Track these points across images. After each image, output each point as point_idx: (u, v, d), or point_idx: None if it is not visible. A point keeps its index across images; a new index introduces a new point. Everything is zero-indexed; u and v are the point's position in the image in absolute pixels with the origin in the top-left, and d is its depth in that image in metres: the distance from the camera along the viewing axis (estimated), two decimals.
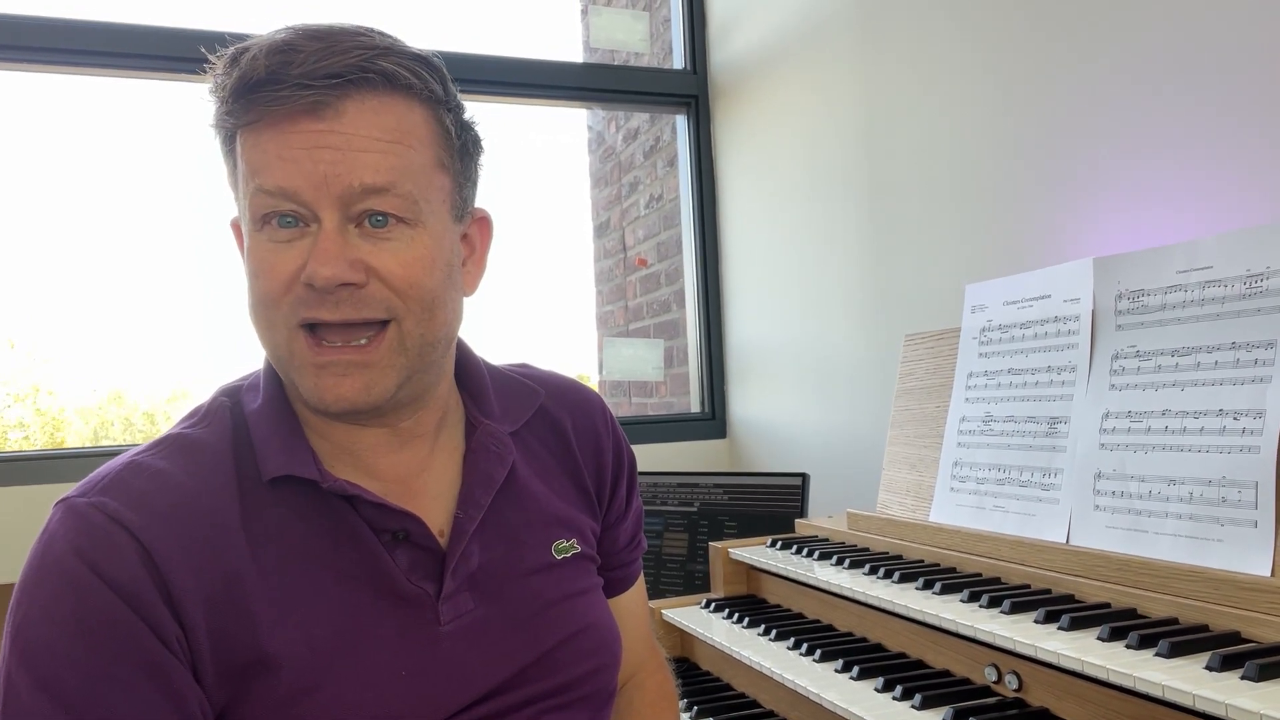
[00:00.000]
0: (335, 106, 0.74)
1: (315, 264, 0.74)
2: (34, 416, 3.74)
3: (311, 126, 0.74)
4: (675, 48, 2.70)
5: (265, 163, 0.74)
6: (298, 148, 0.74)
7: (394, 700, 0.77)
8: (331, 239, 0.74)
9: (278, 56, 0.73)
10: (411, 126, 0.78)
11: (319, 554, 0.78)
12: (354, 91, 0.74)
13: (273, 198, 0.75)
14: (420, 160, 0.78)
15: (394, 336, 0.78)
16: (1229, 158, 1.23)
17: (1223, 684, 0.78)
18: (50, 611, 0.70)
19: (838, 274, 2.06)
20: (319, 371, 0.76)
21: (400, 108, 0.77)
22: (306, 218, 0.76)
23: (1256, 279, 1.00)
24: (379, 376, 0.77)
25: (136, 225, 3.18)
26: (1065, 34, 1.46)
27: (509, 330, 3.11)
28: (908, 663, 1.15)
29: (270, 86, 0.73)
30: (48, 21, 2.04)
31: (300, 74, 0.73)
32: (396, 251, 0.77)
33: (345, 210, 0.75)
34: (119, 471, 0.76)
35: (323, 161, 0.74)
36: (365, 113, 0.75)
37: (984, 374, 1.35)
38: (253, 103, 0.74)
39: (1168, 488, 1.04)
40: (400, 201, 0.76)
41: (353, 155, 0.74)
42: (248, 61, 0.74)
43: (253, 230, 0.77)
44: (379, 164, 0.75)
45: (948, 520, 1.33)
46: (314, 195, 0.74)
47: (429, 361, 0.82)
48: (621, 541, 1.02)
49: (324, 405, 0.77)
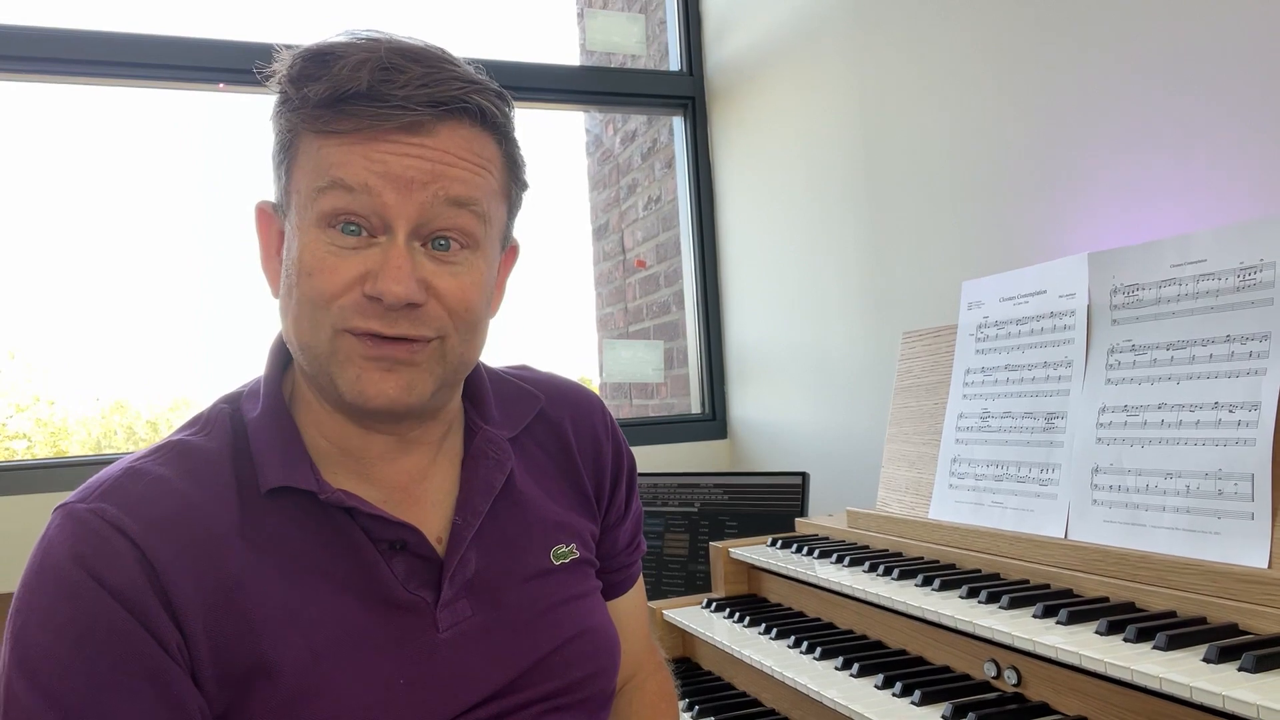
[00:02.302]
0: (430, 128, 0.76)
1: (389, 281, 0.74)
2: (35, 427, 3.74)
3: (405, 139, 0.75)
4: (671, 50, 2.71)
5: (348, 160, 0.75)
6: (388, 154, 0.75)
7: (392, 707, 0.77)
8: (403, 255, 0.75)
9: (381, 73, 0.74)
10: (491, 156, 0.81)
11: (317, 562, 0.78)
12: (449, 119, 0.77)
13: (350, 195, 0.75)
14: (494, 186, 0.81)
15: (437, 349, 0.80)
16: (1222, 153, 1.23)
17: (1220, 676, 0.78)
18: (50, 618, 0.70)
19: (836, 273, 2.07)
20: (365, 364, 0.77)
21: (485, 139, 0.80)
22: (375, 228, 0.76)
23: (1250, 272, 1.00)
24: (420, 378, 0.79)
25: (136, 235, 3.19)
26: (1059, 33, 1.47)
27: (511, 334, 3.11)
28: (907, 659, 1.15)
29: (370, 101, 0.74)
30: (49, 32, 2.05)
31: (404, 95, 0.74)
32: (457, 275, 0.79)
33: (418, 227, 0.77)
34: (118, 477, 0.76)
35: (411, 168, 0.75)
36: (456, 138, 0.77)
37: (981, 370, 1.35)
38: (347, 114, 0.74)
39: (1165, 481, 1.04)
40: (473, 220, 0.79)
41: (441, 168, 0.76)
42: (346, 72, 0.74)
43: (313, 228, 0.77)
44: (465, 179, 0.78)
45: (947, 517, 1.33)
46: (396, 201, 0.75)
47: (460, 379, 0.85)
48: (621, 544, 1.02)
49: (363, 400, 0.77)
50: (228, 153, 2.96)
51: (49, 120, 2.99)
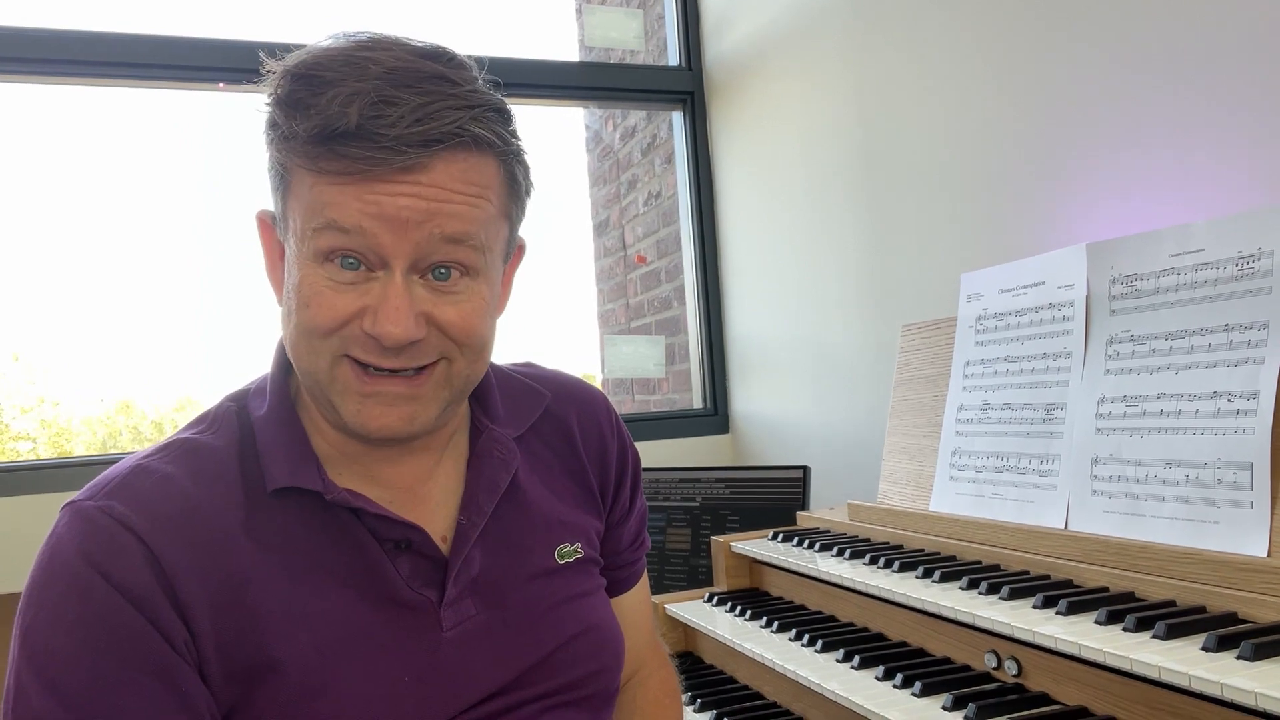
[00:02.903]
0: (425, 165, 0.74)
1: (387, 323, 0.74)
2: (39, 428, 3.76)
3: (399, 178, 0.73)
4: (670, 44, 2.71)
5: (342, 202, 0.73)
6: (382, 195, 0.73)
7: (397, 705, 0.78)
8: (401, 295, 0.74)
9: (371, 109, 0.71)
10: (489, 181, 0.78)
11: (323, 561, 0.79)
12: (444, 152, 0.74)
13: (345, 235, 0.73)
14: (492, 212, 0.79)
15: (442, 372, 0.79)
16: (1220, 144, 1.23)
17: (1218, 664, 0.78)
18: (58, 615, 0.71)
19: (835, 266, 2.07)
20: (364, 400, 0.77)
21: (482, 165, 0.78)
22: (373, 264, 0.75)
23: (1248, 261, 1.00)
24: (423, 409, 0.79)
25: (138, 235, 3.19)
26: (1057, 24, 1.46)
27: (513, 331, 3.11)
28: (908, 651, 1.16)
29: (360, 143, 0.71)
30: (51, 34, 2.06)
31: (396, 135, 0.71)
32: (458, 303, 0.78)
33: (415, 263, 0.75)
34: (125, 475, 0.77)
35: (405, 209, 0.73)
36: (452, 169, 0.75)
37: (981, 362, 1.35)
38: (338, 154, 0.72)
39: (1164, 471, 1.04)
40: (471, 253, 0.77)
41: (436, 206, 0.74)
42: (335, 107, 0.71)
43: (310, 262, 0.76)
44: (461, 214, 0.76)
45: (947, 509, 1.33)
46: (392, 241, 0.74)
47: (466, 395, 0.84)
48: (625, 541, 1.03)
49: (366, 432, 0.78)
50: (228, 152, 2.97)
51: (51, 122, 3.00)
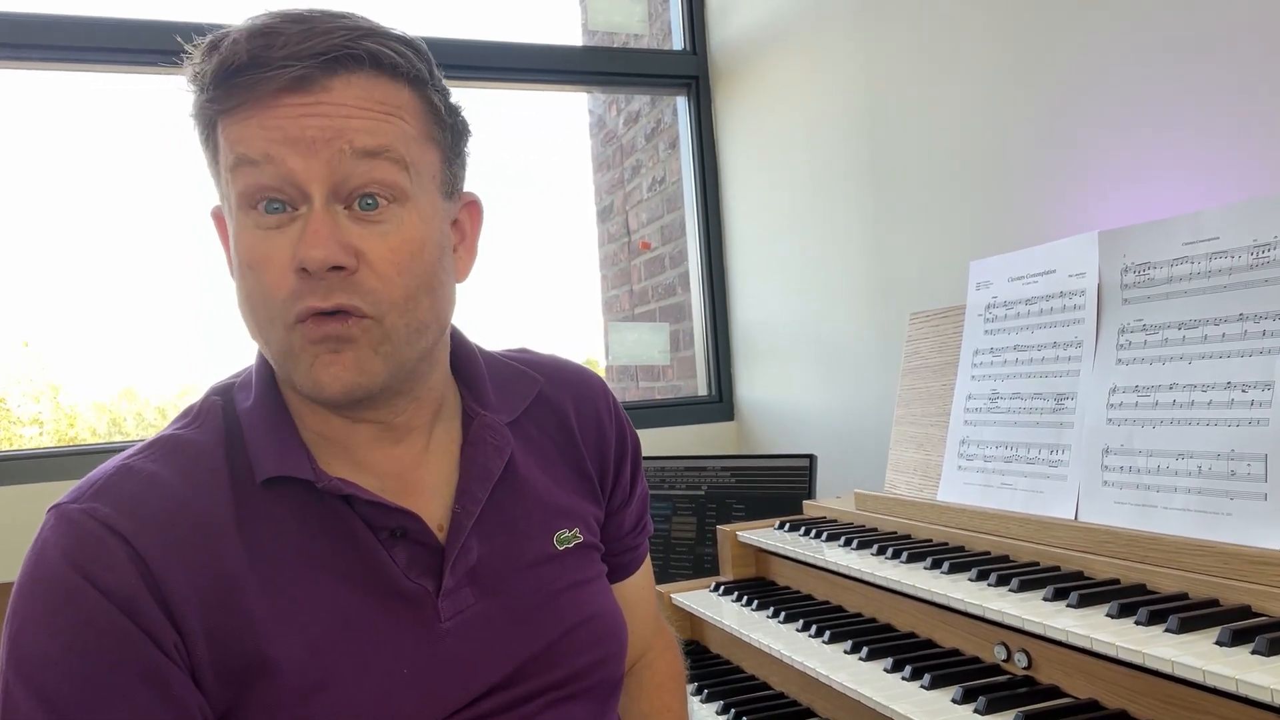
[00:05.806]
0: (321, 82, 0.72)
1: (306, 246, 0.72)
2: (52, 411, 3.77)
3: (297, 100, 0.72)
4: (674, 28, 2.68)
5: (246, 134, 0.73)
6: (283, 119, 0.72)
7: (396, 699, 0.76)
8: (322, 219, 0.73)
9: (259, 40, 0.71)
10: (401, 102, 0.76)
11: (316, 554, 0.77)
12: (340, 70, 0.73)
13: (257, 168, 0.72)
14: (411, 131, 0.77)
15: (374, 328, 0.76)
16: (1233, 130, 1.21)
17: (1233, 659, 0.77)
18: (45, 621, 0.70)
19: (842, 253, 2.05)
20: (314, 350, 0.74)
21: (388, 86, 0.76)
22: (295, 199, 0.73)
23: (1263, 249, 0.99)
24: (366, 357, 0.75)
25: (142, 223, 3.19)
26: (1067, 11, 1.44)
27: (515, 318, 3.11)
28: (917, 642, 1.15)
29: (252, 70, 0.71)
30: (56, 19, 2.04)
31: (284, 55, 0.71)
32: (386, 235, 0.75)
33: (335, 188, 0.73)
34: (110, 476, 0.75)
35: (310, 128, 0.72)
36: (353, 88, 0.73)
37: (990, 351, 1.34)
38: (235, 88, 0.72)
39: (1176, 462, 1.03)
40: (391, 168, 0.74)
41: (342, 121, 0.72)
42: (228, 47, 0.72)
43: (239, 215, 0.75)
44: (371, 129, 0.73)
45: (955, 499, 1.32)
46: (303, 166, 0.72)
47: (420, 349, 0.80)
48: (626, 526, 1.02)
49: (319, 389, 0.75)
50: None
51: (57, 111, 2.99)
